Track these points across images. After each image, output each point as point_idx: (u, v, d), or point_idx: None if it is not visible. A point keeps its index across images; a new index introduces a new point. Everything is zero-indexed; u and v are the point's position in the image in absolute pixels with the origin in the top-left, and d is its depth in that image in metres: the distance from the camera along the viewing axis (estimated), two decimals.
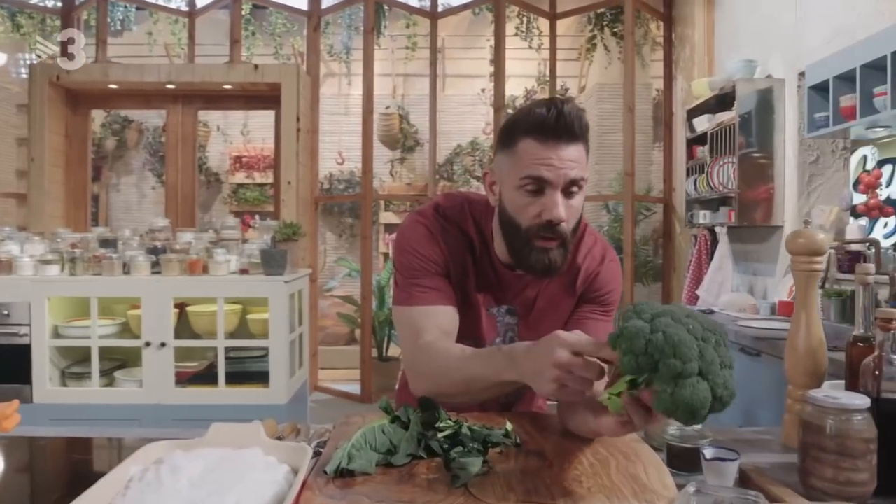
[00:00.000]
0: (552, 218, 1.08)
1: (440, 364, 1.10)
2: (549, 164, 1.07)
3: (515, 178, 1.10)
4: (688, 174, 4.39)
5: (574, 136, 1.07)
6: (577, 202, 1.12)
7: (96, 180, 7.01)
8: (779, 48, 3.61)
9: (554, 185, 1.08)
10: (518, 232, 1.12)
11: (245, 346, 3.13)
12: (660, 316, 0.82)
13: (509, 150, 1.12)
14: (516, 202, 1.11)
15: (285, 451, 0.95)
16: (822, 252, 1.16)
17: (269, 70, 4.28)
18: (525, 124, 1.08)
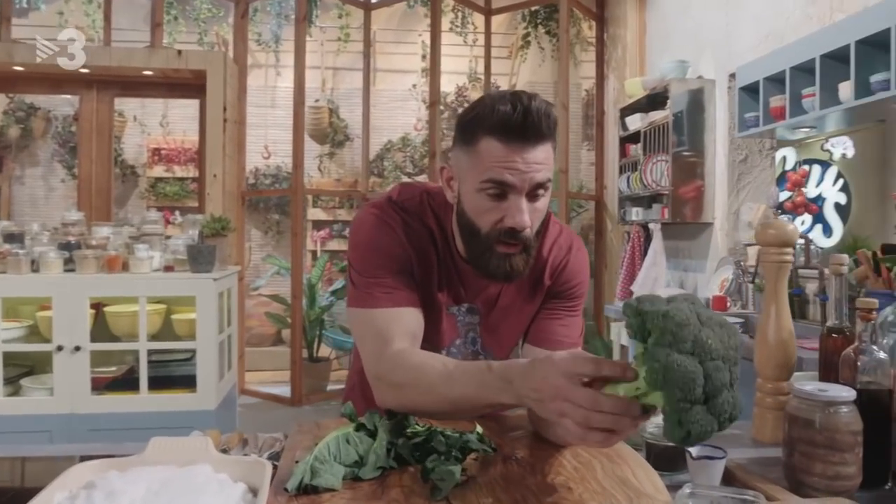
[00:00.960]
0: (515, 225, 1.00)
1: (418, 379, 0.98)
2: (514, 167, 0.98)
3: (476, 180, 1.01)
4: (620, 172, 4.45)
5: (541, 136, 0.99)
6: (542, 204, 1.04)
7: None
8: (710, 50, 3.70)
9: (518, 190, 1.00)
10: (477, 236, 1.04)
11: (170, 349, 2.92)
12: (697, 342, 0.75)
13: (469, 148, 1.02)
14: (476, 206, 1.03)
15: (239, 466, 0.84)
16: (792, 243, 1.14)
17: (194, 56, 4.05)
18: (487, 122, 0.99)
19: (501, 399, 0.89)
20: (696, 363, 0.72)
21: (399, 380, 1.01)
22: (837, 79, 2.53)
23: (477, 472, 0.88)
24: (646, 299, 0.78)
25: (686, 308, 0.76)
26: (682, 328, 0.73)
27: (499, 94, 1.02)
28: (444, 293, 1.15)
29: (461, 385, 0.94)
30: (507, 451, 0.98)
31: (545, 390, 0.78)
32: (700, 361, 0.72)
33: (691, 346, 0.73)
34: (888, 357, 0.94)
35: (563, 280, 1.18)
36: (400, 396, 1.00)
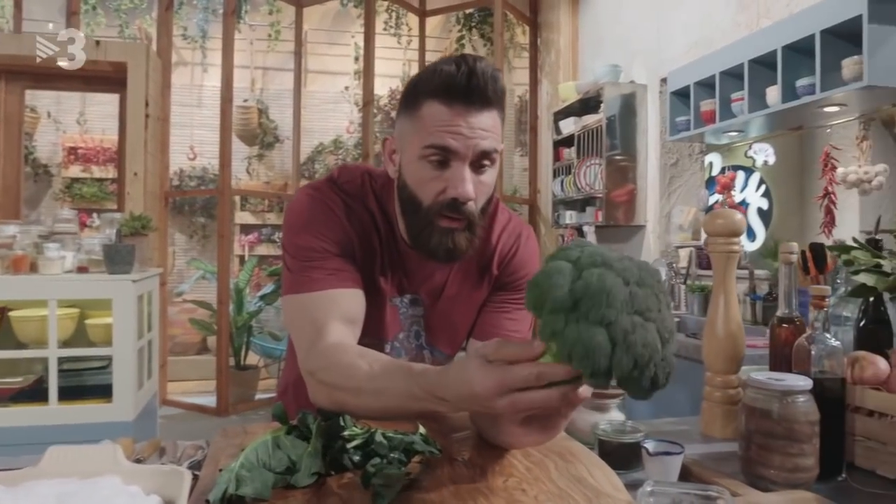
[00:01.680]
0: (458, 195, 0.94)
1: (347, 381, 0.89)
2: (457, 132, 0.92)
3: (418, 146, 0.94)
4: (554, 175, 4.48)
5: (487, 101, 0.93)
6: (488, 178, 0.98)
7: None
8: (642, 55, 3.77)
9: (461, 158, 0.93)
10: (419, 210, 0.97)
11: (83, 356, 2.70)
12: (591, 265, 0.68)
13: (412, 114, 0.96)
14: (418, 175, 0.96)
15: (153, 477, 0.73)
16: (740, 232, 1.12)
17: (114, 48, 3.82)
18: (430, 84, 0.93)
19: (427, 409, 0.83)
20: (602, 332, 0.65)
21: (330, 379, 0.92)
22: (765, 83, 2.60)
23: (422, 476, 0.81)
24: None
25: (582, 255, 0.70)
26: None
27: (444, 58, 0.96)
28: (388, 281, 1.07)
29: (387, 395, 0.86)
30: (453, 452, 0.91)
31: (483, 395, 0.72)
32: (608, 324, 0.65)
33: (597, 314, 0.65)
34: (841, 345, 0.92)
35: (511, 269, 1.12)
36: (332, 396, 0.92)
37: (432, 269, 1.08)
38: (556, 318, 0.67)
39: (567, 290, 0.67)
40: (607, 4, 4.19)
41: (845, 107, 2.42)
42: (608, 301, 0.65)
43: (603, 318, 0.65)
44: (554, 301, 0.68)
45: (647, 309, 0.67)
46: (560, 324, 0.67)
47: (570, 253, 0.71)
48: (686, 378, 1.23)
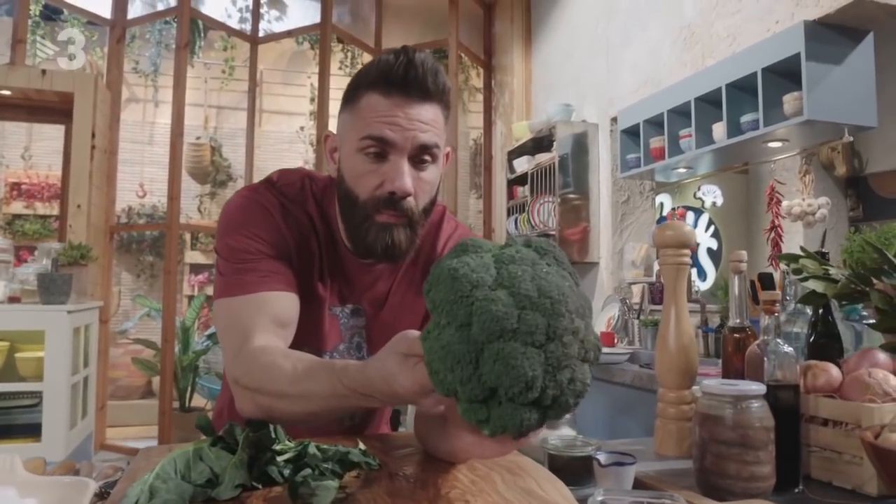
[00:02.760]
0: (395, 189, 0.90)
1: (270, 385, 0.83)
2: (395, 122, 0.89)
3: (355, 139, 0.92)
4: (508, 214, 4.49)
5: (426, 94, 0.90)
6: (429, 175, 0.94)
7: None
8: (592, 94, 3.85)
9: (399, 150, 0.90)
10: (355, 205, 0.93)
11: (11, 392, 2.53)
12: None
13: (351, 108, 0.94)
14: (355, 169, 0.93)
15: (52, 488, 0.66)
16: (690, 244, 1.11)
17: (60, 77, 3.72)
18: (369, 76, 0.91)
19: (352, 405, 0.79)
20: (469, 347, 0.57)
21: (253, 383, 0.85)
22: (711, 120, 2.66)
23: (358, 490, 0.75)
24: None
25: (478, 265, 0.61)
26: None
27: (386, 49, 0.94)
28: (327, 289, 1.02)
29: (311, 396, 0.80)
30: (393, 468, 0.85)
31: (406, 396, 0.69)
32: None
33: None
34: (793, 350, 0.90)
35: None
36: (256, 400, 0.85)
37: (375, 276, 1.03)
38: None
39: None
40: (559, 46, 4.29)
41: (788, 142, 2.50)
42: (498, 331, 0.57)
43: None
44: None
45: (533, 331, 0.57)
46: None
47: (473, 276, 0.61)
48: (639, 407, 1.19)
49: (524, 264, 0.62)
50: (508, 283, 0.60)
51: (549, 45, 4.46)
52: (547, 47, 4.49)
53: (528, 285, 0.59)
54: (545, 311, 0.58)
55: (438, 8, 4.80)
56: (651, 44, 3.29)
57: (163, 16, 4.56)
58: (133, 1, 4.40)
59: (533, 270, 0.62)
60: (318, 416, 0.83)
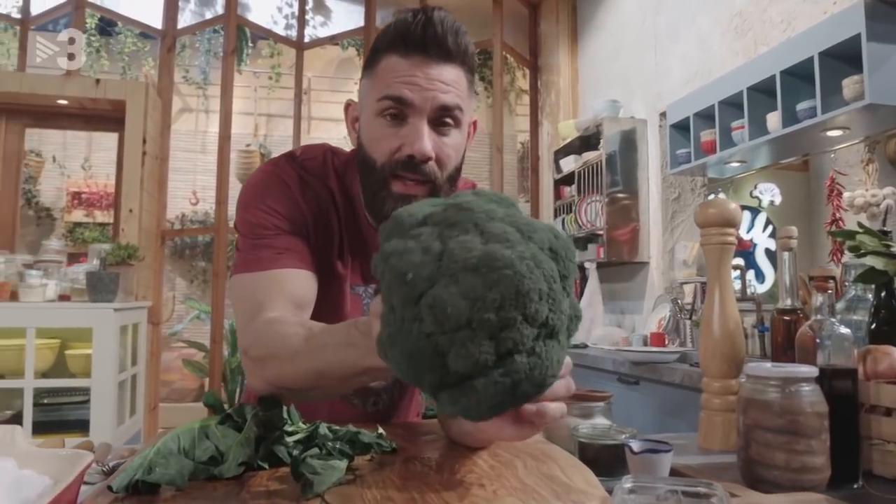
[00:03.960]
0: (414, 152, 0.85)
1: (281, 348, 0.79)
2: (413, 82, 0.85)
3: (373, 102, 0.88)
4: (556, 214, 4.41)
5: (447, 54, 0.86)
6: (452, 141, 0.89)
7: None
8: (640, 90, 3.75)
9: (418, 111, 0.86)
10: (374, 171, 0.89)
11: (63, 389, 2.60)
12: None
13: (370, 73, 0.90)
14: (373, 133, 0.89)
15: (50, 460, 0.64)
16: (735, 222, 1.03)
17: (113, 86, 3.84)
18: (387, 38, 0.87)
19: (367, 361, 0.68)
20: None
21: (261, 352, 0.82)
22: (765, 110, 2.54)
23: (369, 473, 0.70)
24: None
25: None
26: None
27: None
28: (347, 267, 0.98)
29: (325, 349, 0.74)
30: (411, 452, 0.80)
31: None
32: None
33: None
34: (850, 332, 0.82)
35: None
36: (263, 372, 0.82)
37: None
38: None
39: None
40: (606, 42, 4.20)
41: (848, 130, 2.35)
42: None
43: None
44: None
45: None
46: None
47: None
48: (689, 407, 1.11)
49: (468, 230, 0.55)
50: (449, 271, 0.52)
51: (596, 42, 4.37)
52: (593, 44, 4.40)
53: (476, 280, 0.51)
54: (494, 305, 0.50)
55: (482, 9, 4.76)
56: (701, 34, 3.17)
57: (211, 24, 4.66)
58: (183, 11, 4.52)
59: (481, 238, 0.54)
60: (328, 377, 0.75)
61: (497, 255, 0.51)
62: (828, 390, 0.78)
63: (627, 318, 3.89)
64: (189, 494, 0.63)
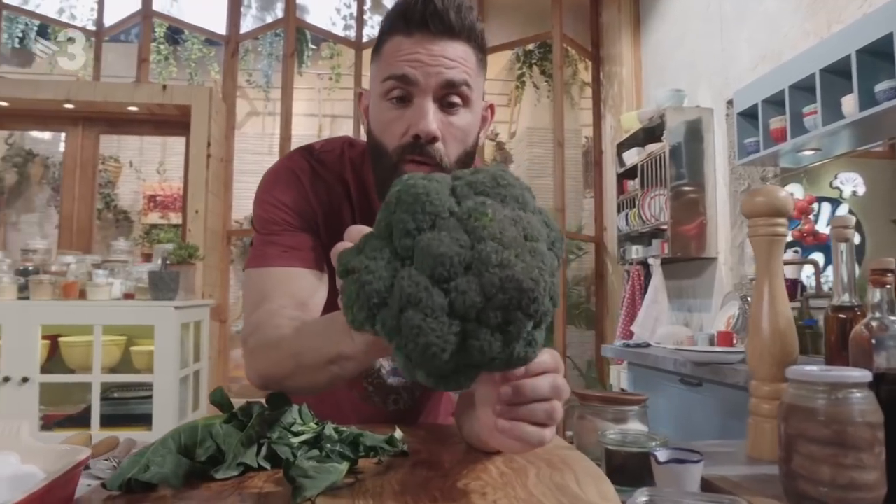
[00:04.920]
0: (419, 132, 0.82)
1: (271, 337, 0.79)
2: (415, 59, 0.82)
3: (378, 84, 0.85)
4: (619, 209, 4.28)
5: (450, 29, 0.82)
6: (460, 120, 0.85)
7: None
8: (706, 78, 3.58)
9: (423, 90, 0.82)
10: (384, 157, 0.86)
11: (127, 383, 2.70)
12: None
13: (376, 57, 0.88)
14: (381, 117, 0.86)
15: (50, 456, 0.64)
16: (786, 212, 0.95)
17: (179, 91, 3.97)
18: (390, 19, 0.85)
19: (343, 348, 0.67)
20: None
21: (255, 342, 0.82)
22: (840, 93, 2.37)
23: (370, 477, 0.67)
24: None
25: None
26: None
27: None
28: None
29: (303, 335, 0.73)
30: (425, 455, 0.77)
31: None
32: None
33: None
34: None
35: None
36: (255, 362, 0.81)
37: None
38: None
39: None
40: (670, 30, 4.04)
41: None
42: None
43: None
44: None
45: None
46: None
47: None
48: None
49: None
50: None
51: (660, 30, 4.21)
52: (657, 33, 4.24)
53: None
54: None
55: (541, 1, 4.67)
56: (769, 14, 3.00)
57: (271, 28, 4.76)
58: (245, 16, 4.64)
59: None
60: (304, 365, 0.73)
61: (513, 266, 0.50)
62: (884, 397, 0.70)
63: (695, 317, 3.73)
64: (181, 494, 0.62)
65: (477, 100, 0.88)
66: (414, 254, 0.49)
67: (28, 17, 4.80)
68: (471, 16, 0.84)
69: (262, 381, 0.79)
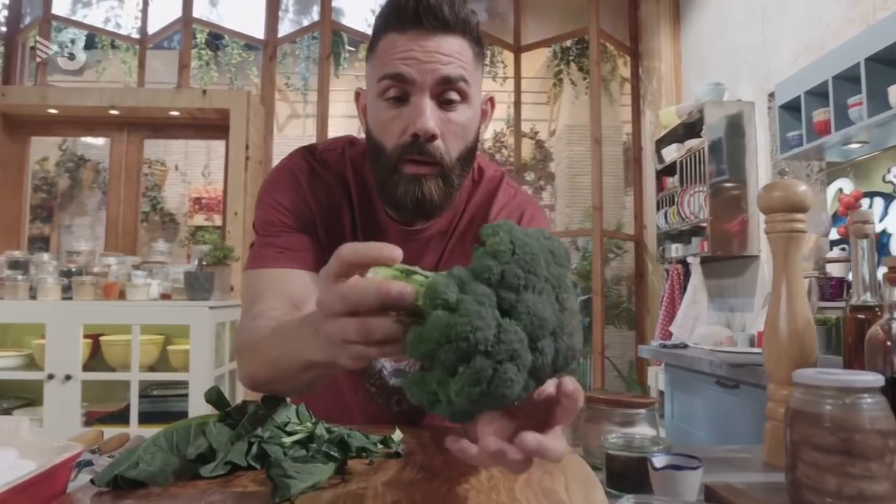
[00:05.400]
0: (417, 130, 0.81)
1: (252, 339, 0.78)
2: (410, 56, 0.80)
3: (374, 83, 0.85)
4: (658, 207, 4.19)
5: (444, 24, 0.81)
6: (459, 117, 0.84)
7: (48, 221, 6.70)
8: (747, 70, 3.47)
9: (419, 87, 0.81)
10: (383, 156, 0.86)
11: (165, 381, 2.77)
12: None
13: (371, 55, 0.87)
14: (379, 117, 0.85)
15: (46, 452, 0.65)
16: (804, 207, 0.90)
17: (218, 95, 4.06)
18: (382, 17, 0.84)
19: (310, 354, 0.63)
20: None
21: (240, 345, 0.82)
22: (886, 82, 2.27)
23: (356, 479, 0.67)
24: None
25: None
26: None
27: None
28: None
29: (281, 339, 0.71)
30: (418, 457, 0.76)
31: (318, 311, 0.54)
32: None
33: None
34: None
35: None
36: (243, 365, 0.82)
37: (421, 246, 0.95)
38: None
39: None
40: (710, 22, 3.93)
41: None
42: None
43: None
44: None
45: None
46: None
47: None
48: None
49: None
50: None
51: (700, 22, 4.10)
52: (697, 25, 4.14)
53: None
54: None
55: None
56: (812, 3, 2.89)
57: (307, 31, 4.81)
58: (283, 20, 4.70)
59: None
60: (282, 369, 0.71)
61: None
62: None
63: (737, 317, 3.62)
64: (168, 492, 0.62)
65: (475, 94, 0.86)
66: (516, 309, 0.50)
67: (76, 27, 4.97)
68: (465, 9, 0.83)
69: (250, 384, 0.80)
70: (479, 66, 0.88)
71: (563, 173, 6.38)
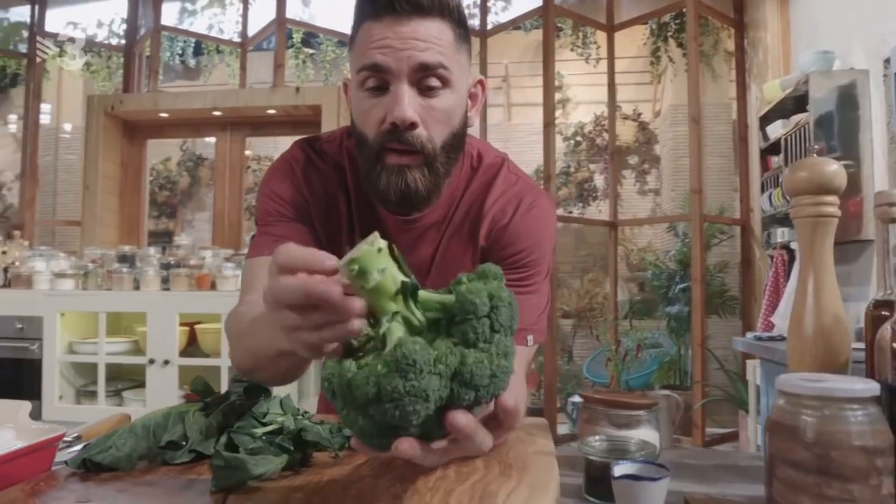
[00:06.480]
0: (395, 119, 0.79)
1: (233, 329, 0.82)
2: (385, 45, 0.78)
3: (354, 74, 0.84)
4: (763, 189, 3.90)
5: (419, 8, 0.78)
6: (441, 103, 0.82)
7: (172, 217, 7.26)
8: (860, 35, 3.15)
9: (397, 75, 0.79)
10: (365, 146, 0.85)
11: None
12: None
13: (351, 46, 0.86)
14: (360, 107, 0.85)
15: (38, 434, 0.71)
16: (834, 189, 0.81)
17: (310, 92, 4.21)
18: (359, 5, 0.83)
19: (279, 343, 0.61)
20: None
21: (228, 333, 0.86)
22: None
23: (308, 471, 0.67)
24: None
25: None
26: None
27: None
28: None
29: (257, 329, 0.71)
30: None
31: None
32: None
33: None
34: None
35: (504, 243, 0.93)
36: (231, 353, 0.85)
37: (416, 237, 0.94)
38: None
39: None
40: None
41: None
42: None
43: None
44: None
45: None
46: None
47: None
48: None
49: None
50: None
51: None
52: None
53: None
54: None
55: None
56: None
57: None
58: None
59: None
60: (259, 358, 0.73)
61: None
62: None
63: (851, 307, 3.30)
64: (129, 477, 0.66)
65: (459, 78, 0.84)
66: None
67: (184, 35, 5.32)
68: None
69: (239, 371, 0.82)
70: (463, 48, 0.85)
71: (668, 156, 6.11)
